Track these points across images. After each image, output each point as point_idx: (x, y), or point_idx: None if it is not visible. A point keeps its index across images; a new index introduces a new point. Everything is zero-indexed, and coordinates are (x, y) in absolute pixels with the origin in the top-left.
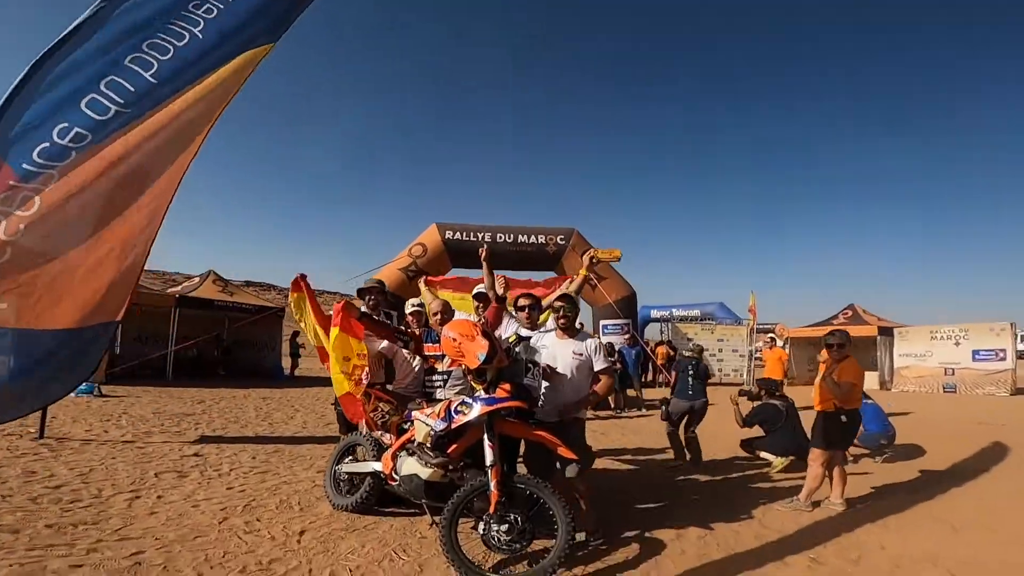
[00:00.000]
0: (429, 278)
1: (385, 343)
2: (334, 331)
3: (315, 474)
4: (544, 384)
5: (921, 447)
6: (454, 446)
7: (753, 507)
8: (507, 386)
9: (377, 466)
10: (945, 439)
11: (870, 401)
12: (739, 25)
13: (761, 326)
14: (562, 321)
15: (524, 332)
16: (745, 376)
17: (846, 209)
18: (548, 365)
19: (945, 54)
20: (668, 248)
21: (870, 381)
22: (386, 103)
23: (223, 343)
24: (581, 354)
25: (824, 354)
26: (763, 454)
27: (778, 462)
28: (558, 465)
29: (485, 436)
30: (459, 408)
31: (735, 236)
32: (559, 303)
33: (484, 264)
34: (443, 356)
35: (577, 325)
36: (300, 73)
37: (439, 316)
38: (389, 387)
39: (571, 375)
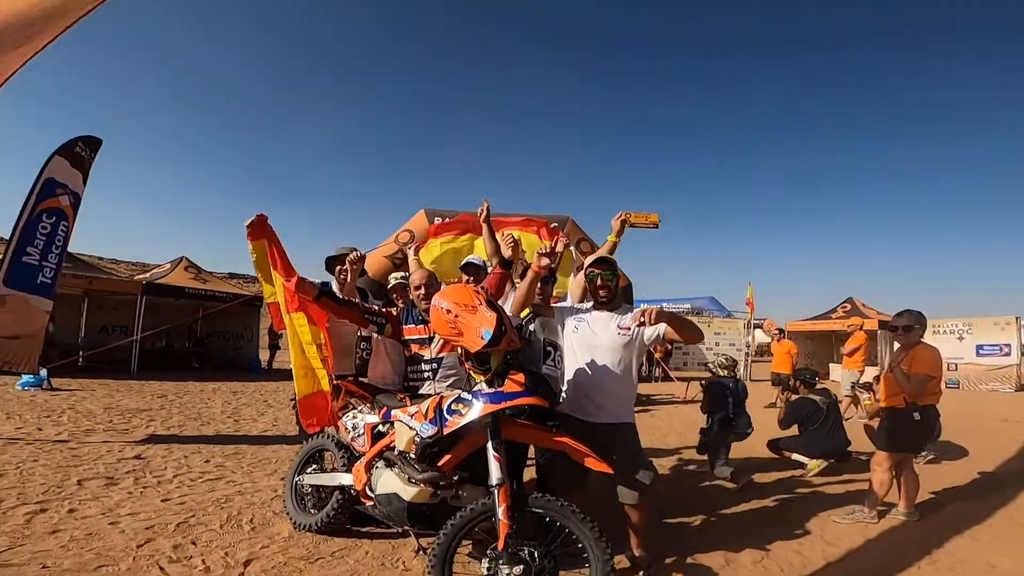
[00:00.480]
0: (419, 241)
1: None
2: (298, 318)
3: (278, 482)
4: (575, 370)
5: (961, 446)
6: (447, 457)
7: (805, 520)
8: (520, 376)
9: (347, 479)
10: (978, 437)
11: None
12: (740, 19)
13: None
14: (602, 293)
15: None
16: (742, 371)
17: (844, 200)
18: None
19: (945, 49)
20: (657, 240)
21: (867, 377)
22: (377, 90)
23: (196, 334)
24: (628, 328)
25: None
26: (795, 456)
27: (813, 465)
28: (590, 476)
29: (489, 444)
30: (453, 407)
31: (725, 226)
32: (593, 270)
33: (484, 226)
34: (429, 339)
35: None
36: (294, 54)
37: (422, 290)
38: (363, 379)
39: (619, 359)
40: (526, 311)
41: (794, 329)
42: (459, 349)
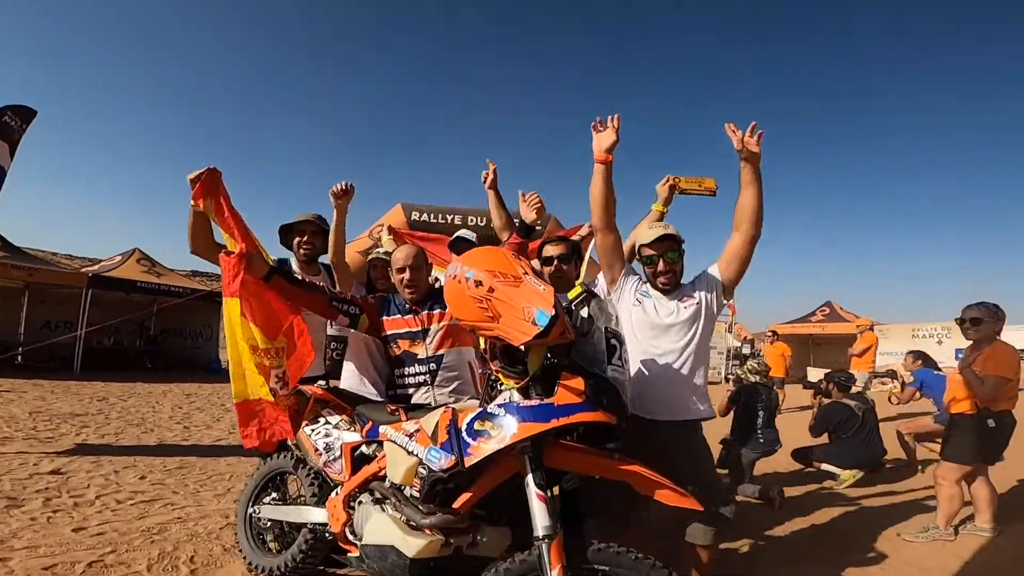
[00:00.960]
0: (400, 230)
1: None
2: (232, 305)
3: (230, 505)
4: (637, 357)
5: None
6: (466, 496)
7: (871, 540)
8: (577, 382)
9: (318, 516)
10: None
11: (938, 372)
12: (727, 24)
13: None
14: (663, 280)
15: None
16: (723, 373)
17: (824, 204)
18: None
19: (934, 44)
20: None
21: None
22: (358, 85)
23: (148, 331)
24: (694, 297)
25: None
26: (825, 466)
27: (847, 476)
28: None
29: (529, 478)
30: (477, 426)
31: (707, 225)
32: (651, 250)
33: (490, 194)
34: (422, 332)
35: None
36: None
37: (407, 273)
38: (334, 384)
39: (689, 338)
40: (577, 289)
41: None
42: (482, 342)
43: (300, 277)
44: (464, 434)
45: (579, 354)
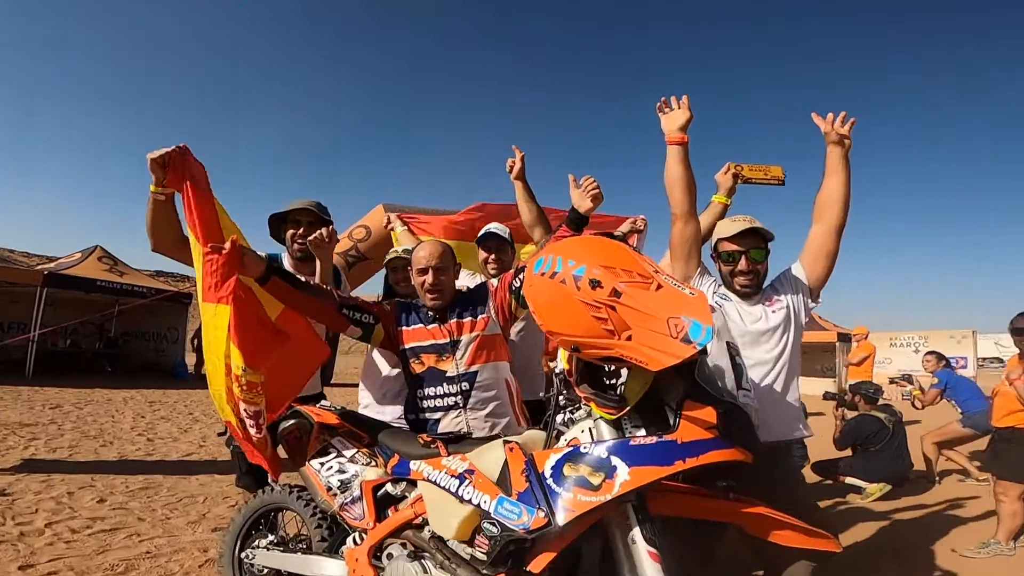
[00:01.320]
0: (407, 217)
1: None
2: (222, 309)
3: (207, 534)
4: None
5: None
6: (547, 556)
7: (928, 556)
8: (707, 412)
9: (335, 569)
10: None
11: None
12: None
13: None
14: (743, 281)
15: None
16: None
17: (801, 211)
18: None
19: (917, 51)
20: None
21: (826, 387)
22: (343, 85)
23: (109, 333)
24: (780, 301)
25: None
26: (850, 480)
27: (874, 489)
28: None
29: (636, 532)
30: (566, 471)
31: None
32: (733, 245)
33: (517, 184)
34: (452, 344)
35: None
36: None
37: (429, 275)
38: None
39: (780, 349)
40: None
41: None
42: (563, 359)
43: (304, 280)
44: (551, 481)
45: (704, 377)
